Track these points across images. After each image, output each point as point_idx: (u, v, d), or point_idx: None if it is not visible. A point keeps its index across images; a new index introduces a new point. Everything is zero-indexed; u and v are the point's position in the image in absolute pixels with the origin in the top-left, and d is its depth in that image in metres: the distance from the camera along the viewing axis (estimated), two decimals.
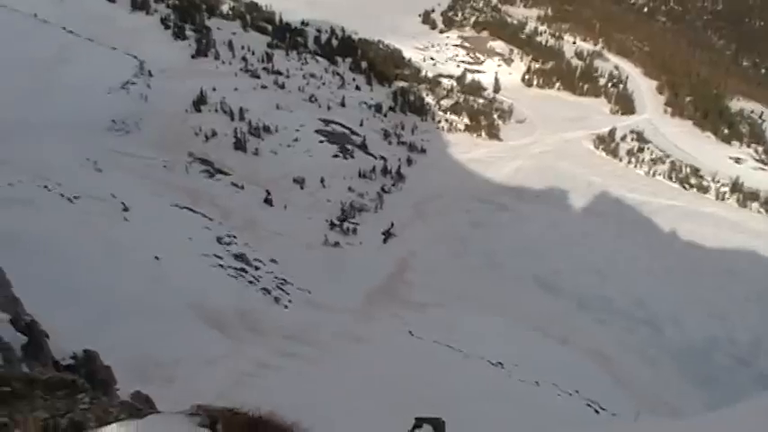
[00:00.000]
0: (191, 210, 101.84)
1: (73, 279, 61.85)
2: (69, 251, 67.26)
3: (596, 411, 67.70)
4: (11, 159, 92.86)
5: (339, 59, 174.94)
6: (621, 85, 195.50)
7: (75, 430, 6.30)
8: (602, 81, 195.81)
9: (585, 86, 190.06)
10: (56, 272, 60.40)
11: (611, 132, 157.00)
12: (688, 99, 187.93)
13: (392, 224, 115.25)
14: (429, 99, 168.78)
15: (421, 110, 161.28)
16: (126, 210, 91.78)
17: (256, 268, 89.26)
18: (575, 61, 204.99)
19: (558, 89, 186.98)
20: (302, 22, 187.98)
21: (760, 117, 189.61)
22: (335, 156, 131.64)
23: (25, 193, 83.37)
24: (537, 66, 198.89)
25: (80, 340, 50.16)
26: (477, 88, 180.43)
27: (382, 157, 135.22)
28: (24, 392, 6.88)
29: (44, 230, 69.44)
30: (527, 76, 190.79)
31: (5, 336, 45.78)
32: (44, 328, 49.27)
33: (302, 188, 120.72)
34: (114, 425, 6.30)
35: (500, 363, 74.77)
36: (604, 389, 76.81)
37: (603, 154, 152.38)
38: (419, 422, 12.51)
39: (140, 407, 7.61)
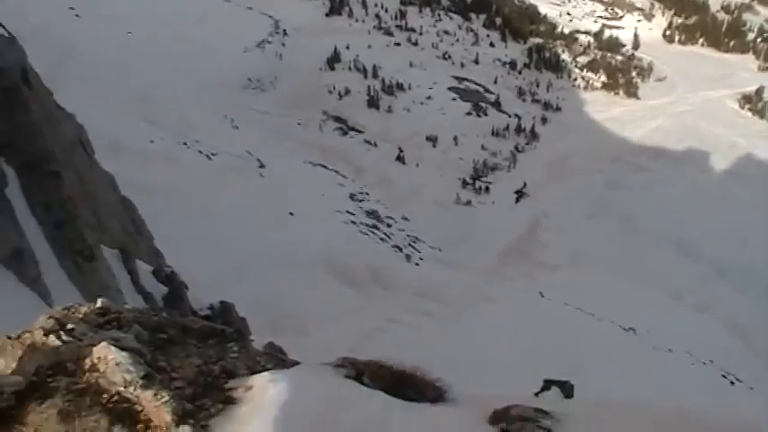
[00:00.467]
0: (324, 167, 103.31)
1: (210, 233, 63.88)
2: (207, 206, 69.41)
3: (731, 383, 65.21)
4: (154, 118, 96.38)
5: (473, 16, 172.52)
6: None
7: (228, 377, 6.43)
8: (750, 36, 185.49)
9: (732, 42, 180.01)
10: (194, 226, 62.49)
11: (759, 91, 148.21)
12: None
13: (525, 184, 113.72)
14: (565, 56, 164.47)
15: (556, 67, 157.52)
16: (262, 166, 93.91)
17: (388, 225, 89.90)
18: (721, 15, 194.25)
19: (702, 45, 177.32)
20: None
21: None
22: (468, 114, 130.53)
23: (167, 150, 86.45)
24: (679, 21, 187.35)
25: (216, 292, 51.95)
26: (615, 45, 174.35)
27: (516, 116, 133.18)
28: (179, 339, 7.10)
29: (184, 186, 71.84)
30: (668, 32, 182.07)
31: (148, 286, 47.77)
32: (183, 280, 51.29)
33: (434, 146, 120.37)
34: (266, 373, 6.40)
35: (632, 328, 72.89)
36: (741, 360, 73.60)
37: (749, 114, 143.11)
38: (547, 384, 12.21)
39: (284, 357, 7.72)
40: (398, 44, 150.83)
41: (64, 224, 45.85)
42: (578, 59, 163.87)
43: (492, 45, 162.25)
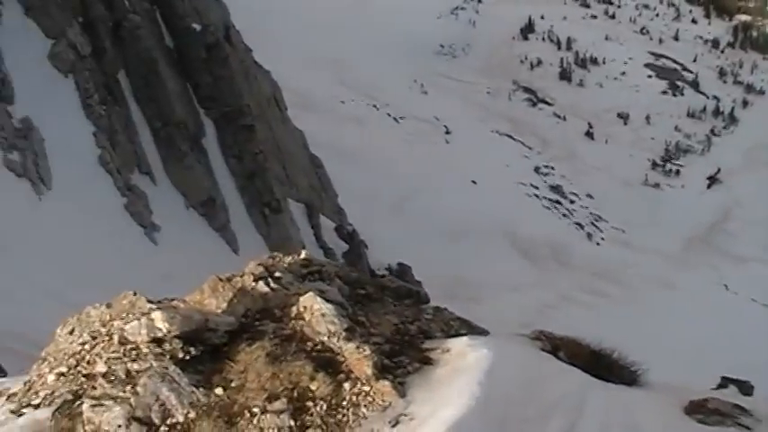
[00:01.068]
0: (510, 137, 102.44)
1: (393, 195, 64.90)
2: (392, 169, 70.49)
3: None
4: (346, 79, 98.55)
5: None
6: None
7: (424, 337, 6.47)
8: None
9: None
10: (378, 187, 63.64)
11: None
12: None
13: (719, 169, 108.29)
14: None
15: (765, 47, 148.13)
16: (448, 132, 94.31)
17: (571, 201, 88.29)
18: None
19: None
20: None
21: None
22: (664, 92, 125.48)
23: (358, 112, 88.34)
24: None
25: (394, 253, 52.86)
26: None
27: (715, 97, 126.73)
28: (376, 296, 7.23)
29: (370, 147, 73.24)
30: None
31: (329, 241, 49.09)
32: (363, 239, 52.40)
33: (625, 123, 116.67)
34: (464, 338, 6.41)
35: None
36: None
37: None
38: (725, 382, 11.65)
39: (473, 324, 7.67)
40: (595, 16, 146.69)
41: (254, 176, 47.97)
42: None
43: (694, 21, 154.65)
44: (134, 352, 5.62)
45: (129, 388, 5.39)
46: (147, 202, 43.28)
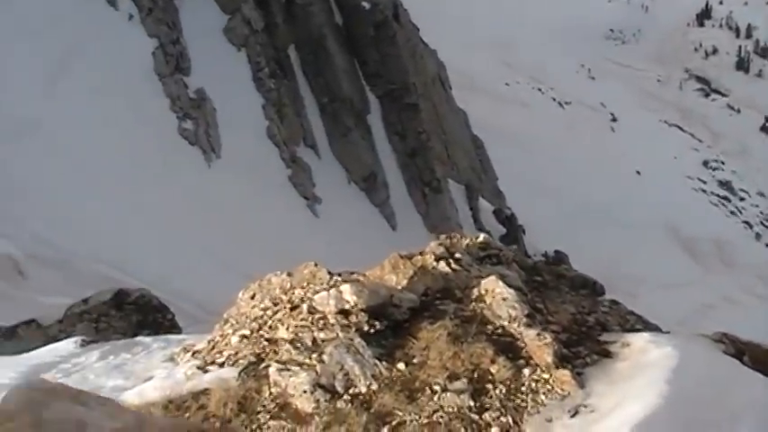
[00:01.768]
0: (679, 128, 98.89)
1: (554, 180, 63.91)
2: (555, 154, 69.39)
3: None
4: (511, 61, 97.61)
5: None
6: None
7: (601, 329, 6.37)
8: None
9: None
10: (539, 172, 62.85)
11: None
12: None
13: None
14: None
15: None
16: (614, 120, 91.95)
17: (741, 199, 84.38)
18: None
19: None
20: None
21: None
22: None
23: (521, 94, 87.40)
24: None
25: (551, 240, 52.13)
26: None
27: None
28: (553, 285, 7.15)
29: (533, 131, 72.34)
30: None
31: (486, 224, 48.89)
32: (521, 223, 51.94)
33: None
34: (645, 333, 6.26)
35: None
36: None
37: None
38: None
39: (647, 320, 7.47)
40: None
41: (416, 154, 48.32)
42: None
43: None
44: (321, 321, 5.79)
45: (315, 356, 5.55)
46: (311, 174, 44.45)
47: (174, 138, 39.84)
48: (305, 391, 5.32)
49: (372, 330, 5.68)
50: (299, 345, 5.72)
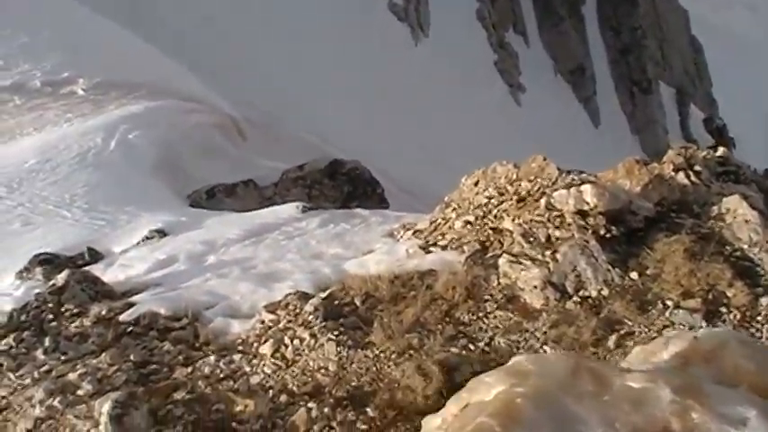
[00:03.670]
0: None
1: None
2: None
3: None
4: None
5: None
6: None
7: None
8: None
9: None
10: (756, 81, 58.82)
11: None
12: None
13: None
14: None
15: None
16: None
17: None
18: None
19: None
20: None
21: None
22: None
23: None
24: None
25: (764, 157, 49.16)
26: None
27: None
28: None
29: (763, 38, 67.45)
30: None
31: (694, 132, 46.72)
32: (732, 136, 49.22)
33: None
34: None
35: None
36: None
37: None
38: None
39: None
40: None
41: (629, 52, 46.41)
42: None
43: None
44: (558, 219, 5.72)
45: (548, 253, 5.53)
46: (518, 62, 43.70)
47: (384, 13, 39.98)
48: (535, 287, 5.35)
49: (608, 235, 5.59)
50: (531, 239, 5.72)
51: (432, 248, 6.60)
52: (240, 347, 5.67)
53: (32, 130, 15.32)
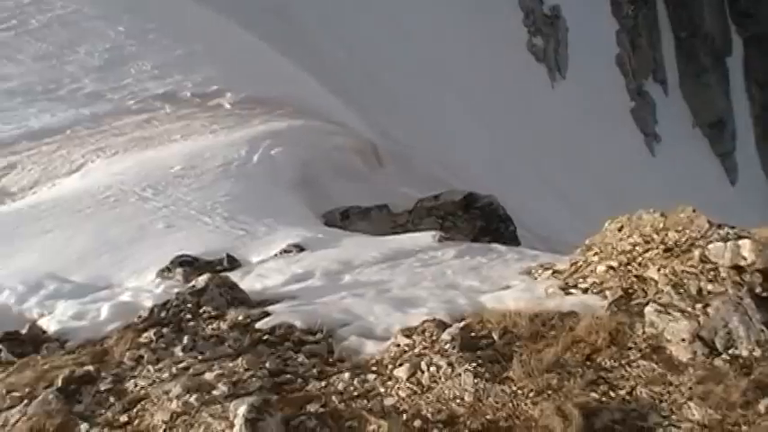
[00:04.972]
0: None
1: None
2: None
3: None
4: None
5: None
6: None
7: None
8: None
9: None
10: None
11: None
12: None
13: None
14: None
15: None
16: None
17: None
18: None
19: None
20: None
21: None
22: None
23: None
24: None
25: None
26: None
27: None
28: None
29: None
30: None
31: None
32: None
33: None
34: None
35: None
36: None
37: None
38: None
39: None
40: None
41: None
42: None
43: None
44: (711, 273, 5.58)
45: (698, 306, 5.39)
46: (655, 110, 42.84)
47: (522, 52, 40.06)
48: (683, 340, 5.22)
49: (765, 294, 5.43)
50: (681, 291, 5.61)
51: (572, 290, 6.54)
52: (374, 368, 5.73)
53: (180, 138, 16.03)
